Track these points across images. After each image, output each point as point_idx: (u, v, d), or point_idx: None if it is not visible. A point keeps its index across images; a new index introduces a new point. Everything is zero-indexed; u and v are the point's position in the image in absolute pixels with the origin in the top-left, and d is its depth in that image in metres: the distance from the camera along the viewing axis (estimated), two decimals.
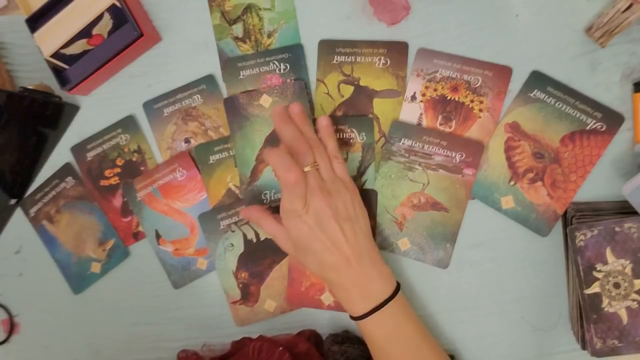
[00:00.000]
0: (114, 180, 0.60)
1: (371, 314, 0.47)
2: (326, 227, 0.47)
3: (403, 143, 0.55)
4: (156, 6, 0.59)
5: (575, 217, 0.51)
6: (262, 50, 0.57)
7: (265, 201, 0.56)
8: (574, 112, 0.52)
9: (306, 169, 0.48)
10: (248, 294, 0.57)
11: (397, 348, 0.48)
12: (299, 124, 0.51)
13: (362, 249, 0.48)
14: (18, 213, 0.62)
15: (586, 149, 0.52)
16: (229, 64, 0.57)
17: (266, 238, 0.57)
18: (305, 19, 0.57)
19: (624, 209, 0.50)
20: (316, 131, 0.52)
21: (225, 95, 0.58)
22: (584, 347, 0.51)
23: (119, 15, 0.55)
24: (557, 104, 0.53)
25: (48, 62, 0.55)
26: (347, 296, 0.49)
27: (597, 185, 0.53)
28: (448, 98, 0.54)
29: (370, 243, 0.50)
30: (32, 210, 0.61)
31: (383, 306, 0.47)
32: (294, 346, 0.53)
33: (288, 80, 0.56)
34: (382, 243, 0.55)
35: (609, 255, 0.49)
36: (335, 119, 0.56)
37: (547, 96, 0.53)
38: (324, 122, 0.52)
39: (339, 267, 0.48)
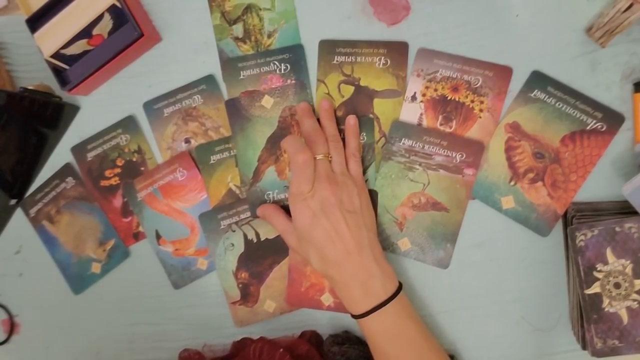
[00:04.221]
0: (114, 181, 0.60)
1: (372, 312, 0.47)
2: (330, 215, 0.48)
3: (403, 143, 0.55)
4: (156, 6, 0.58)
5: (576, 217, 0.51)
6: (262, 50, 0.57)
7: (268, 202, 0.56)
8: (574, 112, 0.52)
9: (318, 157, 0.50)
10: (248, 295, 0.57)
11: (398, 348, 0.48)
12: (324, 119, 0.54)
13: (364, 243, 0.49)
14: (18, 213, 0.62)
15: (586, 149, 0.52)
16: (229, 64, 0.57)
17: (266, 238, 0.57)
18: (305, 19, 0.57)
19: (624, 209, 0.50)
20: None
21: (225, 96, 0.58)
22: (584, 347, 0.51)
23: (119, 16, 0.55)
24: (557, 104, 0.53)
25: (48, 62, 0.55)
26: (349, 293, 0.49)
27: (597, 185, 0.53)
28: (448, 98, 0.54)
29: (374, 240, 0.50)
30: (32, 211, 0.61)
31: (384, 305, 0.47)
32: (295, 348, 0.53)
33: (289, 81, 0.56)
34: (382, 243, 0.55)
35: (610, 255, 0.49)
36: (335, 119, 0.56)
37: (547, 96, 0.53)
38: (351, 121, 0.54)
39: (340, 261, 0.48)
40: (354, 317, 0.49)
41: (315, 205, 0.48)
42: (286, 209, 0.54)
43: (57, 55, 0.55)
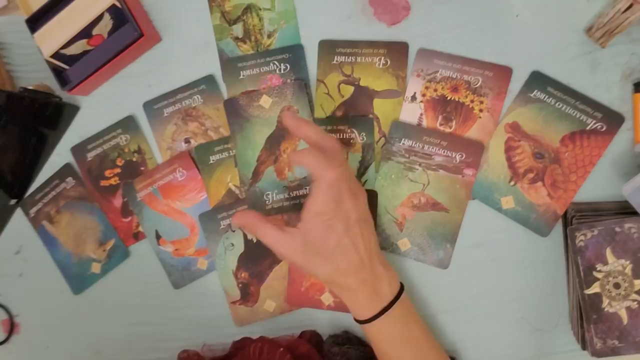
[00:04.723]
0: (114, 181, 0.60)
1: (379, 316, 0.46)
2: (350, 231, 0.46)
3: (403, 143, 0.55)
4: (156, 6, 0.59)
5: (576, 217, 0.51)
6: (262, 50, 0.57)
7: (267, 202, 0.56)
8: (574, 112, 0.52)
9: (339, 169, 0.45)
10: (248, 294, 0.57)
11: (404, 350, 0.48)
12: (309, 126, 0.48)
13: (373, 248, 0.48)
14: (18, 213, 0.62)
15: (586, 149, 0.52)
16: (229, 64, 0.57)
17: None
18: (305, 19, 0.57)
19: (624, 209, 0.50)
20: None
21: (225, 96, 0.58)
22: (584, 347, 0.51)
23: (119, 16, 0.55)
24: (557, 104, 0.53)
25: (48, 62, 0.55)
26: (355, 299, 0.47)
27: (597, 185, 0.53)
28: (448, 98, 0.54)
29: (377, 242, 0.50)
30: (32, 211, 0.61)
31: (390, 307, 0.47)
32: (295, 347, 0.53)
33: (288, 80, 0.56)
34: (382, 243, 0.55)
35: (609, 255, 0.49)
36: (335, 119, 0.56)
37: (547, 96, 0.53)
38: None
39: (352, 271, 0.46)
40: (361, 322, 0.48)
41: (339, 224, 0.45)
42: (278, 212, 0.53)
43: (57, 55, 0.55)
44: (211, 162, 0.57)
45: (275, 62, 0.57)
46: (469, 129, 0.54)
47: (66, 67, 0.57)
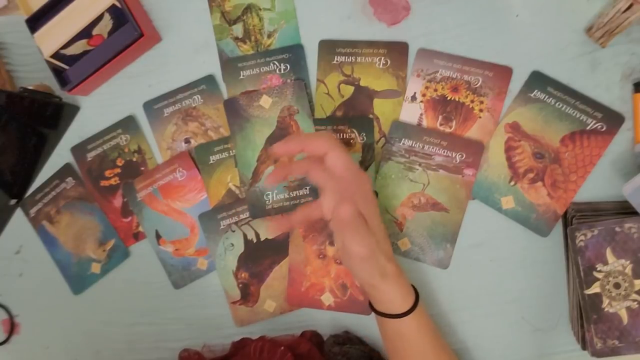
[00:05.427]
0: (114, 181, 0.60)
1: (416, 304, 0.46)
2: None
3: (403, 143, 0.55)
4: (156, 6, 0.59)
5: (576, 217, 0.51)
6: (262, 50, 0.57)
7: (267, 202, 0.56)
8: (574, 112, 0.52)
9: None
10: (248, 294, 0.57)
11: (436, 342, 0.48)
12: (295, 145, 0.46)
13: None
14: (18, 213, 0.62)
15: (586, 149, 0.52)
16: (229, 64, 0.57)
17: (266, 238, 0.57)
18: (305, 19, 0.57)
19: (624, 209, 0.50)
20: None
21: (225, 96, 0.58)
22: (584, 348, 0.51)
23: (119, 16, 0.55)
24: (557, 104, 0.53)
25: (48, 62, 0.55)
26: (399, 286, 0.46)
27: (597, 185, 0.53)
28: (448, 98, 0.54)
29: None
30: (32, 211, 0.61)
31: (418, 298, 0.47)
32: (296, 347, 0.53)
33: (288, 80, 0.56)
34: None
35: (609, 255, 0.49)
36: (335, 119, 0.56)
37: (547, 96, 0.53)
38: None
39: (389, 246, 0.47)
40: (398, 316, 0.46)
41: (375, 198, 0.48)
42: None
43: (57, 55, 0.55)
44: (211, 162, 0.57)
45: (275, 62, 0.57)
46: (469, 129, 0.54)
47: (66, 67, 0.57)
